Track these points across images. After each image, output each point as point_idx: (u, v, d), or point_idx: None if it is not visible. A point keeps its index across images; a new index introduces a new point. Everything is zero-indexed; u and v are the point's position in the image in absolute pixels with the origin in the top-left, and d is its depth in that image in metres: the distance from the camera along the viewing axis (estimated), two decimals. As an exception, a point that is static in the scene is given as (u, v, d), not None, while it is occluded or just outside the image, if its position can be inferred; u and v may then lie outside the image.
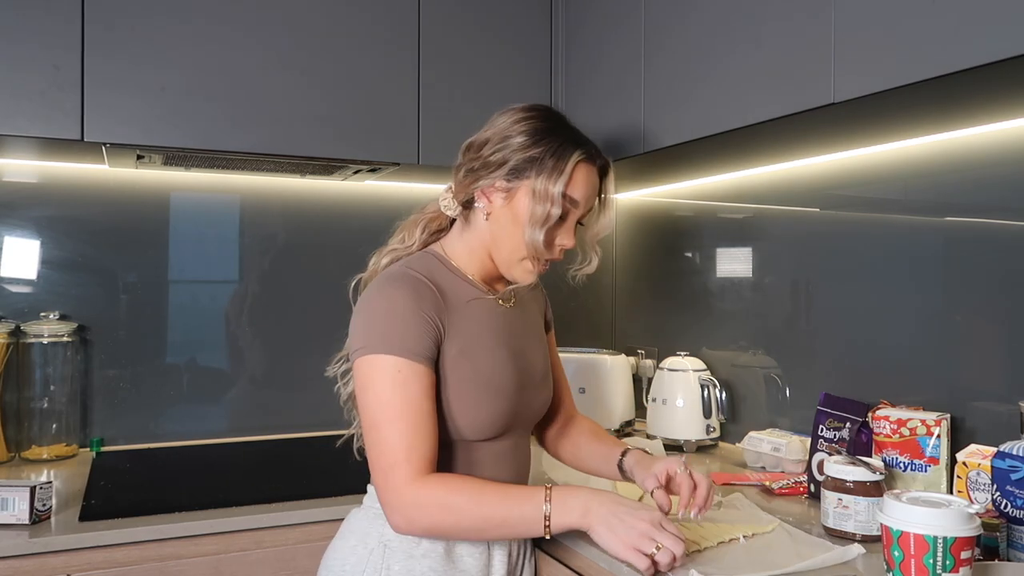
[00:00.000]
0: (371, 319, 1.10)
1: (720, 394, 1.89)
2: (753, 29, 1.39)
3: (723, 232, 2.02)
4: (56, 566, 1.27)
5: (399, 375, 1.06)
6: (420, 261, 1.19)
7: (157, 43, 1.61)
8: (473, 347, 1.15)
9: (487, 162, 1.16)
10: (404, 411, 1.06)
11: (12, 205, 1.83)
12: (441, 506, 1.04)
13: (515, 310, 1.26)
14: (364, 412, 1.09)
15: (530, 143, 1.14)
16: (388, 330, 1.08)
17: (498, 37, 1.94)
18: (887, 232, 1.57)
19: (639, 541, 1.01)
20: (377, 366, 1.07)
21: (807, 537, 1.20)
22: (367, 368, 1.08)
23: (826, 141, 1.55)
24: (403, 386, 1.06)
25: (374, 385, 1.07)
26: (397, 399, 1.06)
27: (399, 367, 1.06)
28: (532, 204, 1.13)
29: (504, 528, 1.07)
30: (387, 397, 1.06)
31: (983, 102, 1.22)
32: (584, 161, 1.17)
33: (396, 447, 1.05)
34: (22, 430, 1.77)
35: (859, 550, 1.12)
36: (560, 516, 1.04)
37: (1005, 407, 1.33)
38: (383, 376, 1.06)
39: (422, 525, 1.06)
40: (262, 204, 2.07)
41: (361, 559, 1.13)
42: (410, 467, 1.04)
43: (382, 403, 1.06)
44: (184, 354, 1.99)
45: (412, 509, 1.04)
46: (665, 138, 1.62)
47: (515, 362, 1.19)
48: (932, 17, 1.07)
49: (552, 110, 1.22)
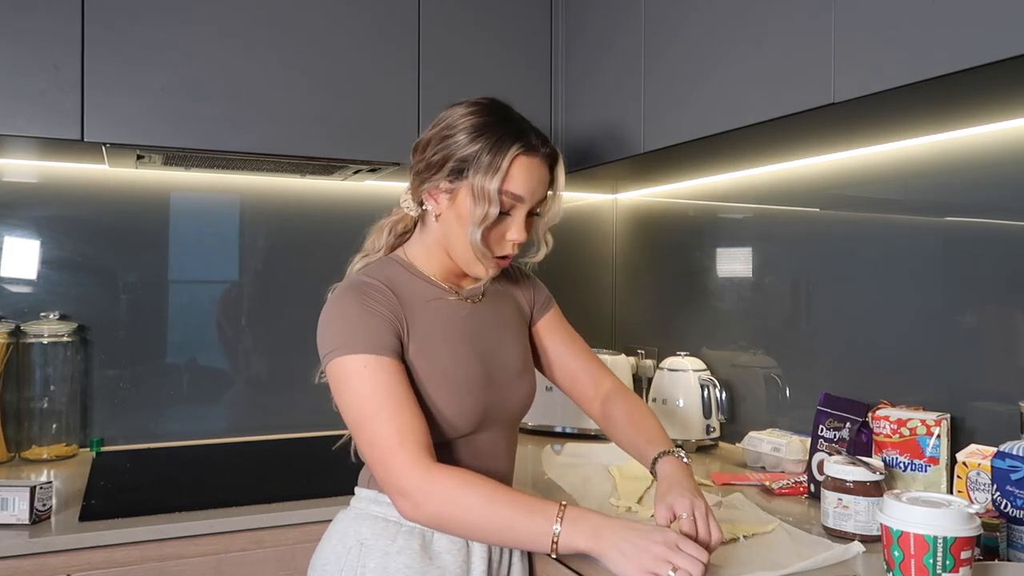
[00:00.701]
0: (330, 326, 1.12)
1: (720, 394, 1.89)
2: (753, 29, 1.39)
3: (723, 232, 2.02)
4: (56, 566, 1.27)
5: (366, 370, 1.07)
6: (379, 268, 1.20)
7: (157, 43, 1.61)
8: (431, 346, 1.15)
9: (430, 163, 1.15)
10: (383, 401, 1.06)
11: (12, 205, 1.83)
12: (449, 499, 1.02)
13: (484, 307, 1.26)
14: (347, 415, 1.09)
15: (467, 141, 1.13)
16: (347, 332, 1.09)
17: (498, 37, 1.94)
18: (887, 232, 1.57)
19: (654, 564, 0.95)
20: (345, 366, 1.08)
21: (807, 537, 1.20)
22: (337, 371, 1.09)
23: (826, 141, 1.55)
24: (373, 378, 1.07)
25: (347, 385, 1.08)
26: (371, 392, 1.06)
27: (365, 362, 1.07)
28: (472, 204, 1.12)
29: (509, 534, 1.02)
30: (362, 392, 1.06)
31: (983, 102, 1.22)
32: (523, 154, 1.14)
33: (386, 435, 1.04)
34: (22, 430, 1.77)
35: (859, 548, 1.12)
36: (569, 536, 0.99)
37: (1005, 407, 1.33)
38: (352, 374, 1.07)
39: (428, 512, 1.02)
40: (262, 204, 2.07)
41: (339, 558, 1.14)
42: (405, 451, 1.03)
43: (359, 400, 1.07)
44: (184, 354, 1.99)
45: (418, 494, 1.02)
46: (665, 138, 1.62)
47: (480, 359, 1.19)
48: (932, 17, 1.07)
49: (495, 102, 1.19)
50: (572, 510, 1.01)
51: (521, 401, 1.26)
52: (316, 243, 2.11)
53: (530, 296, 1.37)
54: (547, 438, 2.03)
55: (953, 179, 1.44)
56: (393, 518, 1.14)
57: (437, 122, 1.18)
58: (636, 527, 1.00)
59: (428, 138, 1.18)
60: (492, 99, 1.19)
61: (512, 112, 1.19)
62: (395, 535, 1.13)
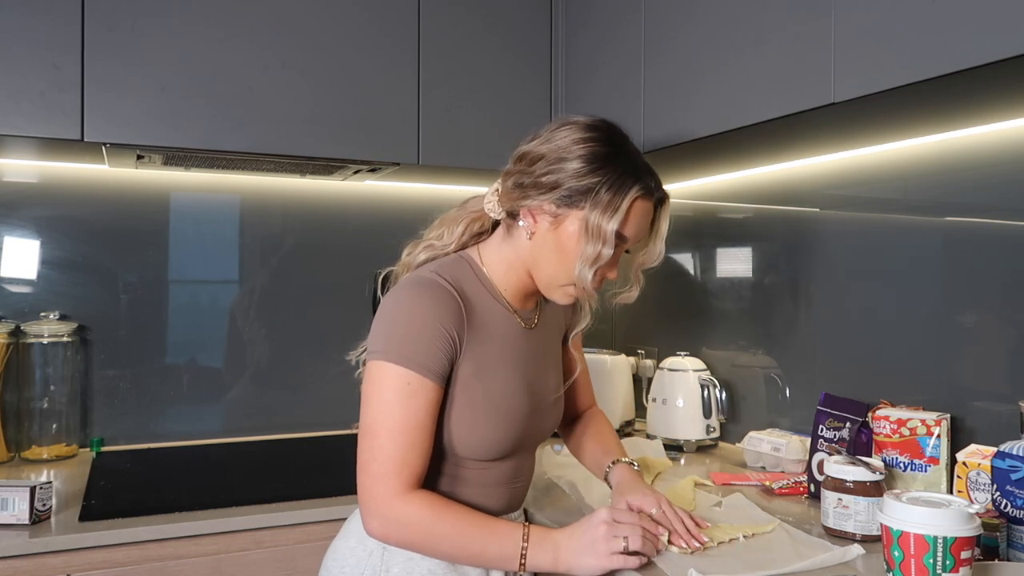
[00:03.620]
0: (392, 324, 1.08)
1: (720, 394, 1.89)
2: (753, 30, 1.39)
3: (723, 232, 2.02)
4: (56, 566, 1.27)
5: (408, 387, 1.05)
6: (453, 266, 1.15)
7: (157, 43, 1.61)
8: (488, 369, 1.12)
9: (538, 182, 1.09)
10: (406, 425, 1.04)
11: (12, 205, 1.83)
12: (422, 530, 1.04)
13: (538, 333, 1.22)
14: (366, 415, 1.08)
15: (587, 171, 1.07)
16: (405, 339, 1.06)
17: (498, 37, 1.94)
18: (887, 232, 1.57)
19: (606, 545, 1.03)
20: (388, 373, 1.05)
21: (807, 537, 1.20)
22: (378, 373, 1.06)
23: (826, 141, 1.55)
24: (410, 400, 1.05)
25: (381, 392, 1.06)
26: (400, 411, 1.04)
27: (409, 380, 1.05)
28: (583, 238, 1.08)
29: (479, 560, 1.08)
30: (392, 408, 1.04)
31: (983, 102, 1.22)
32: (642, 197, 1.10)
33: (391, 459, 1.04)
34: (22, 430, 1.77)
35: (859, 551, 1.12)
36: (534, 556, 1.05)
37: (1005, 407, 1.33)
38: (392, 386, 1.05)
39: (397, 540, 1.06)
40: (262, 204, 2.07)
41: (360, 560, 1.13)
42: (399, 482, 1.04)
43: (385, 412, 1.05)
44: (184, 354, 1.99)
45: (392, 524, 1.04)
46: (665, 138, 1.62)
47: (529, 388, 1.17)
48: (932, 17, 1.07)
49: (615, 131, 1.13)
50: (536, 531, 1.07)
51: (552, 427, 1.26)
52: (316, 243, 2.10)
53: (571, 315, 1.34)
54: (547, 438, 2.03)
55: (953, 179, 1.44)
56: None
57: (549, 138, 1.11)
58: (574, 529, 1.07)
59: (540, 153, 1.10)
60: (610, 124, 1.14)
61: (630, 144, 1.14)
62: None
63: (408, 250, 1.21)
